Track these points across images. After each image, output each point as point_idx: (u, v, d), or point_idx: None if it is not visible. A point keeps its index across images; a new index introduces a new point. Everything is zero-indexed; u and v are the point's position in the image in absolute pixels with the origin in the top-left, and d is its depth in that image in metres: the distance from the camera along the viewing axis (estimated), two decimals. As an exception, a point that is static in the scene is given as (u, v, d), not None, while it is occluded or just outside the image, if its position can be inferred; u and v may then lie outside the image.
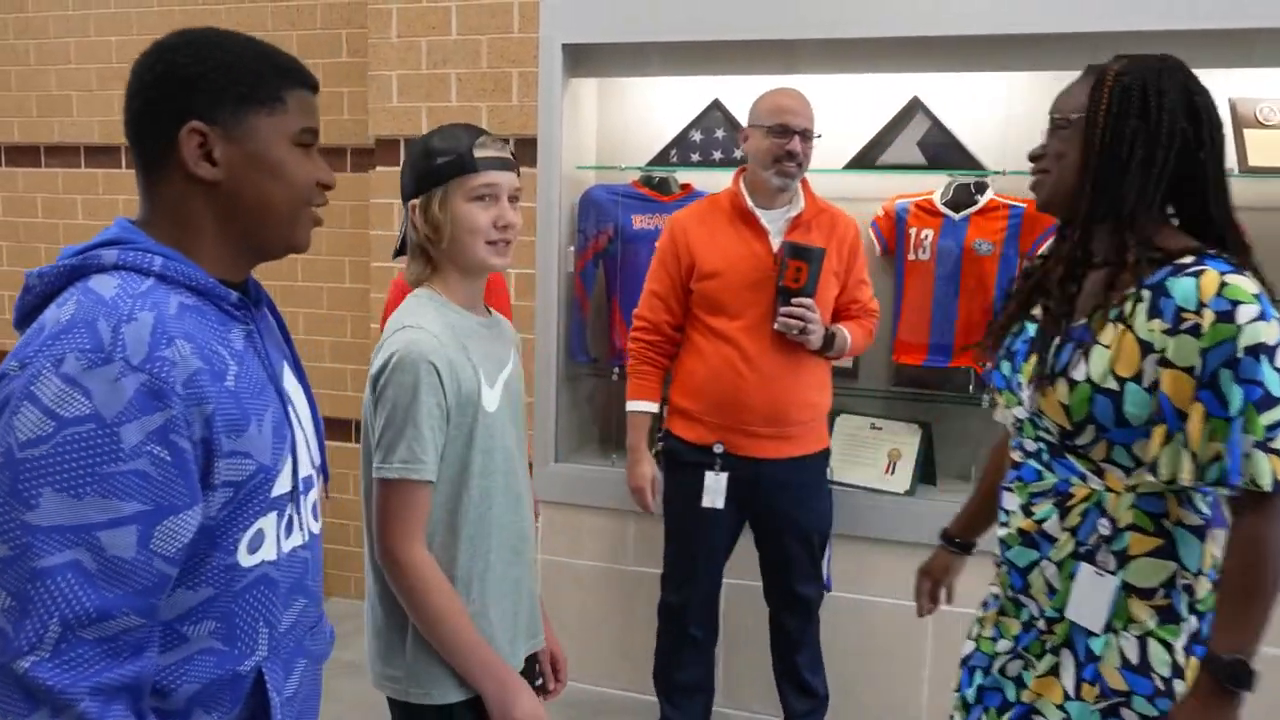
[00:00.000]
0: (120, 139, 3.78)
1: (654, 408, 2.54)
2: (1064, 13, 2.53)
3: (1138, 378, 1.31)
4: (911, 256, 2.91)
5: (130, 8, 3.75)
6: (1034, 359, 1.42)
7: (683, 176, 3.10)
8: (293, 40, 3.56)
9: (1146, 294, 1.31)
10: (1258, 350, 1.22)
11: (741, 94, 3.00)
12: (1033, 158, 1.46)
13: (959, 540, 1.81)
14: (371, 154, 3.22)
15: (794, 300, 2.31)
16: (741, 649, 2.89)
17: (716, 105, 3.03)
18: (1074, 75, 2.80)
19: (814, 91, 2.94)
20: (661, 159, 3.08)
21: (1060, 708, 1.40)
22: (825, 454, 2.56)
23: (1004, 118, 2.84)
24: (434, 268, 1.53)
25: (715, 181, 3.01)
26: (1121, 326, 1.32)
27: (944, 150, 2.86)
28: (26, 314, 0.98)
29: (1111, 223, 1.35)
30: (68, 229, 3.96)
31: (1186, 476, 1.27)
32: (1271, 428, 1.22)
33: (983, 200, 2.84)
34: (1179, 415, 1.27)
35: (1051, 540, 1.41)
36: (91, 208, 3.93)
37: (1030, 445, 1.46)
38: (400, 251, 1.57)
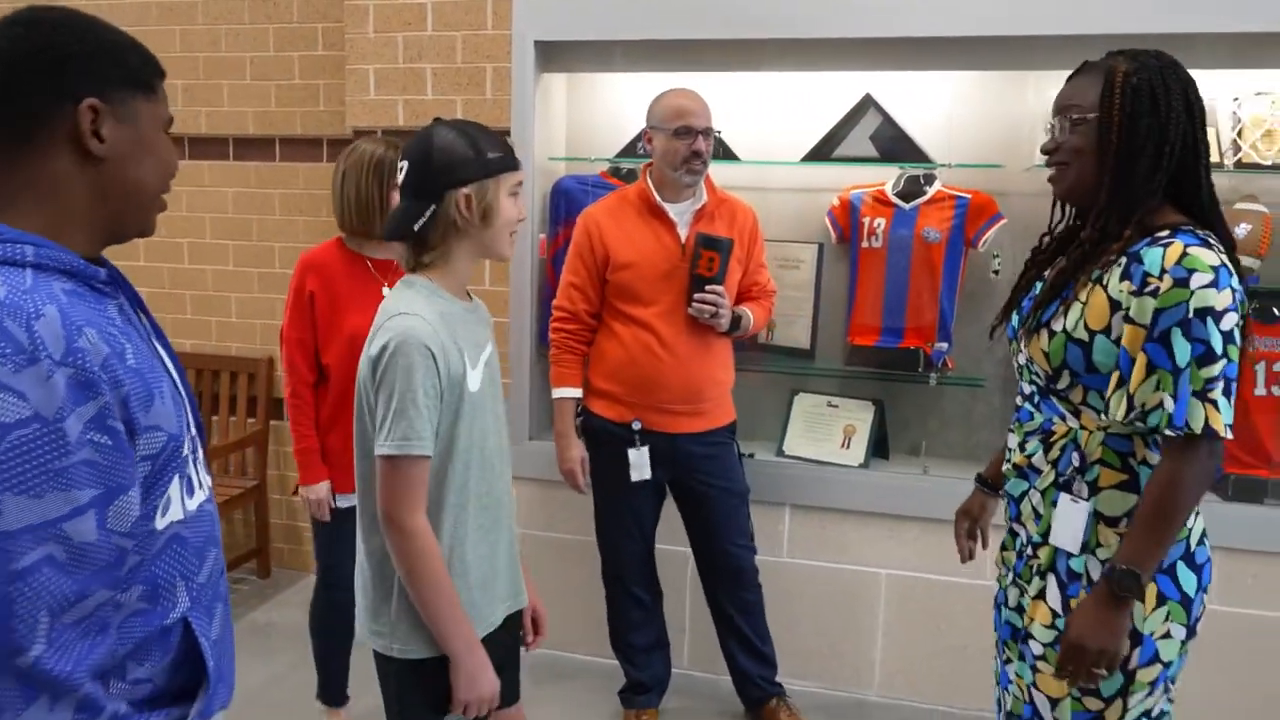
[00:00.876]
0: (179, 129, 3.86)
1: (578, 393, 2.68)
2: (1007, 18, 2.70)
3: (1106, 331, 1.49)
4: (865, 244, 3.09)
5: (98, 1, 3.81)
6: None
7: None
8: (269, 33, 3.66)
9: (1123, 260, 1.49)
10: (1205, 313, 1.39)
11: (705, 89, 3.15)
12: (1047, 151, 1.60)
13: (990, 482, 1.95)
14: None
15: (707, 288, 2.48)
16: (703, 613, 3.06)
17: (681, 100, 3.18)
18: (1015, 75, 2.99)
19: (773, 88, 3.13)
20: (629, 151, 3.23)
21: (1049, 627, 1.58)
22: (733, 426, 2.74)
23: (948, 114, 3.03)
24: (446, 255, 1.63)
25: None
26: (1098, 286, 1.51)
27: (894, 144, 3.04)
28: None
29: (1123, 208, 1.50)
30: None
31: (1121, 414, 1.46)
32: (1209, 380, 1.41)
33: (931, 191, 3.02)
34: (1131, 364, 1.46)
35: (1038, 472, 1.62)
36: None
37: (1026, 389, 1.67)
38: (397, 237, 1.64)
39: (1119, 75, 1.49)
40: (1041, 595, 1.62)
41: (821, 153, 3.09)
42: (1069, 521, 1.57)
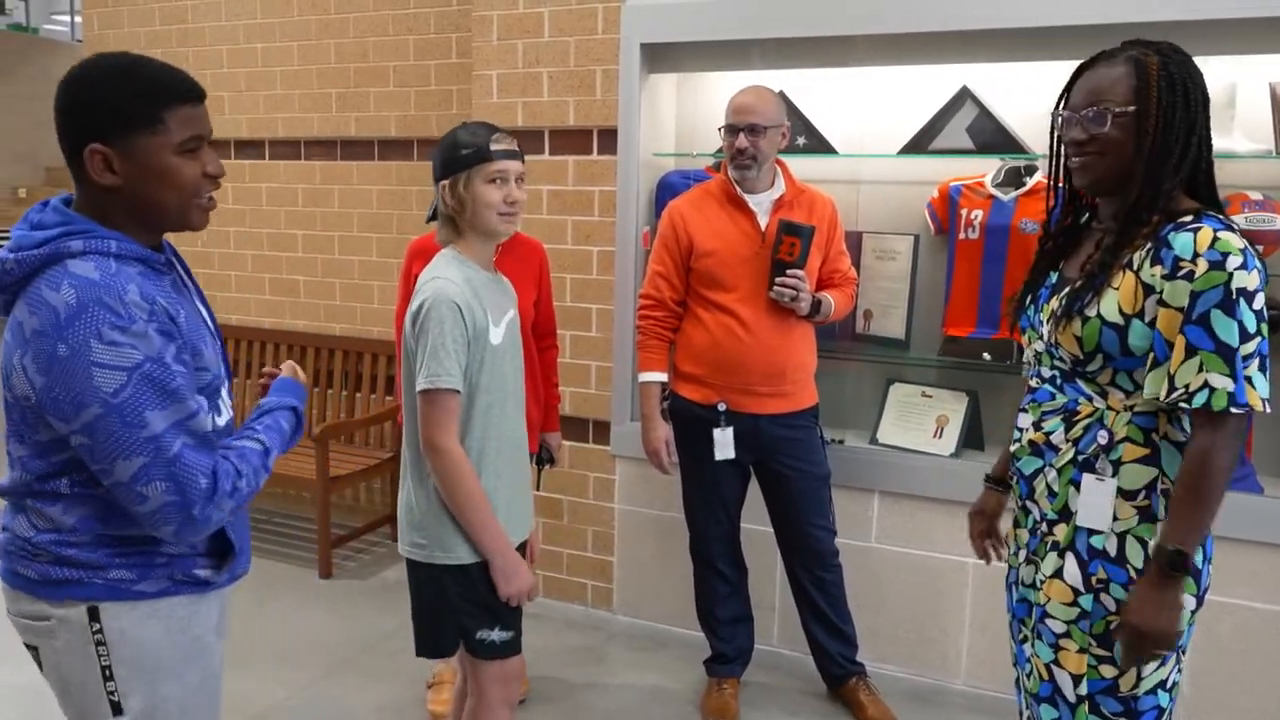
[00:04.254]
0: (264, 133, 4.32)
1: (663, 377, 2.83)
2: (1102, 5, 2.69)
3: (1140, 314, 1.54)
4: (962, 235, 3.11)
5: (274, 18, 4.25)
6: (1055, 300, 1.67)
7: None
8: (410, 44, 4.00)
9: (1150, 245, 1.54)
10: (1241, 293, 1.46)
11: (804, 85, 3.26)
12: (1079, 142, 1.62)
13: (1000, 480, 1.99)
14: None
15: (788, 272, 2.59)
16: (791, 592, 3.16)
17: (781, 96, 3.28)
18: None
19: (870, 82, 3.19)
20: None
21: (1071, 604, 1.62)
22: (815, 409, 2.82)
23: (1045, 104, 3.00)
24: (459, 233, 2.00)
25: (779, 167, 3.28)
26: (1129, 272, 1.56)
27: (991, 136, 3.05)
28: (4, 289, 1.33)
29: (1153, 196, 1.55)
30: (219, 213, 4.48)
31: (1163, 395, 1.51)
32: (1247, 357, 1.47)
33: (1030, 182, 3.02)
34: (1167, 345, 1.51)
35: (1055, 449, 1.65)
36: (239, 194, 4.48)
37: (1046, 373, 1.71)
38: (432, 218, 2.05)
39: (1153, 68, 1.54)
40: (1059, 574, 1.65)
41: (918, 146, 3.13)
42: (1096, 500, 1.60)
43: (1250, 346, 1.47)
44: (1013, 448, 1.76)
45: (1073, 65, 2.97)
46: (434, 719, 2.83)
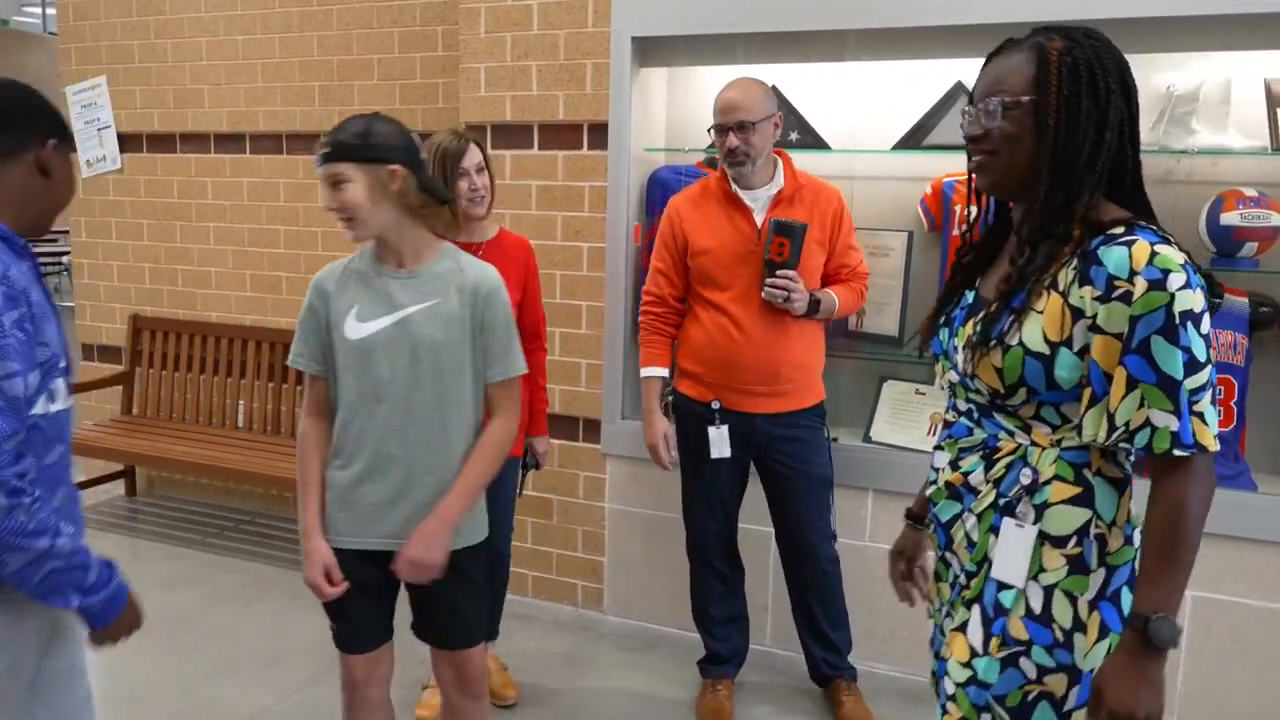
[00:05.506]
0: (244, 126, 4.24)
1: (664, 372, 2.81)
2: (1099, 1, 2.67)
3: (1068, 342, 1.33)
4: (956, 231, 3.09)
5: (254, 9, 4.17)
6: (970, 325, 1.45)
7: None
8: (395, 37, 3.94)
9: (1076, 262, 1.33)
10: (1185, 317, 1.25)
11: (796, 80, 3.23)
12: (974, 139, 1.43)
13: (920, 516, 1.74)
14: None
15: (778, 273, 2.54)
16: (785, 592, 3.13)
17: (774, 91, 3.25)
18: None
19: (864, 77, 3.17)
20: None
21: (966, 665, 1.41)
22: (818, 408, 2.76)
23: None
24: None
25: (772, 162, 3.25)
26: (1054, 293, 1.35)
27: (986, 131, 3.02)
28: None
29: (1064, 201, 1.36)
30: (199, 207, 4.44)
31: (1103, 437, 1.30)
32: (1195, 391, 1.25)
33: (1025, 178, 3.00)
34: (1106, 379, 1.30)
35: (975, 492, 1.44)
36: (219, 189, 4.40)
37: (962, 405, 1.50)
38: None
39: (1054, 54, 1.34)
40: (962, 628, 1.44)
41: (912, 141, 3.11)
42: (1013, 549, 1.39)
43: (1199, 378, 1.26)
44: (929, 490, 1.54)
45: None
46: None
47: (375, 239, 1.96)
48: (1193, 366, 1.26)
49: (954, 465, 1.48)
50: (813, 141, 3.20)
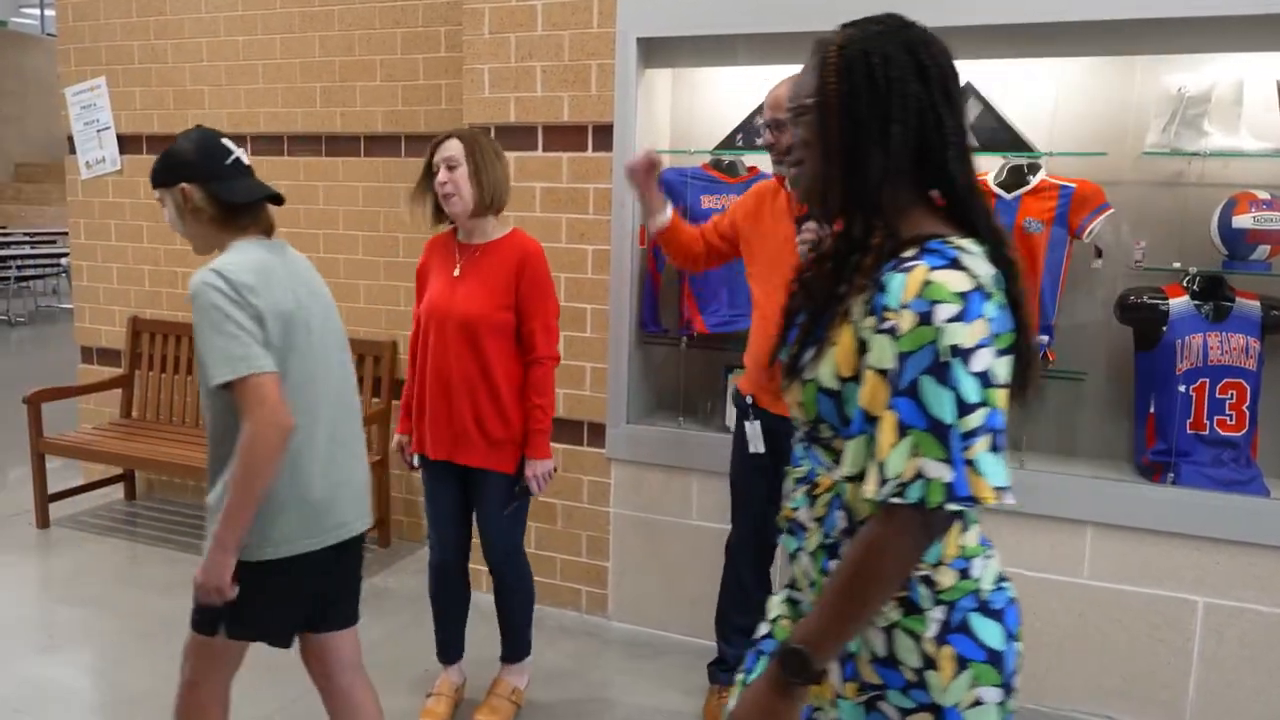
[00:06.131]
0: (245, 128, 4.21)
1: (667, 220, 2.70)
2: (1108, 1, 2.65)
3: (857, 378, 1.22)
4: (964, 234, 3.06)
5: (255, 9, 4.14)
6: (784, 352, 1.38)
7: (749, 160, 3.32)
8: (397, 38, 3.91)
9: (869, 289, 1.22)
10: (955, 353, 1.12)
11: (804, 82, 3.20)
12: (787, 150, 1.34)
13: None
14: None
15: (804, 226, 2.40)
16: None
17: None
18: (1122, 60, 2.93)
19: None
20: (728, 143, 3.30)
21: (833, 704, 1.34)
22: None
23: (1053, 102, 2.97)
24: None
25: (778, 164, 3.23)
26: (848, 324, 1.24)
27: (995, 134, 3.00)
28: None
29: (862, 209, 1.26)
30: (199, 210, 4.41)
31: (872, 490, 1.15)
32: (968, 435, 1.12)
33: (1034, 181, 2.97)
34: (868, 421, 1.18)
35: (804, 529, 1.36)
36: (220, 191, 4.37)
37: (797, 433, 1.41)
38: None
39: (832, 51, 1.24)
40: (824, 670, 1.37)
41: (920, 143, 3.08)
42: None
43: (973, 420, 1.11)
44: (779, 518, 1.45)
45: (1079, 61, 2.98)
46: None
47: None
48: (964, 408, 1.11)
49: (789, 497, 1.41)
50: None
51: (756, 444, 2.67)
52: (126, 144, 4.53)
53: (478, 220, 2.60)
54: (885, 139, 1.21)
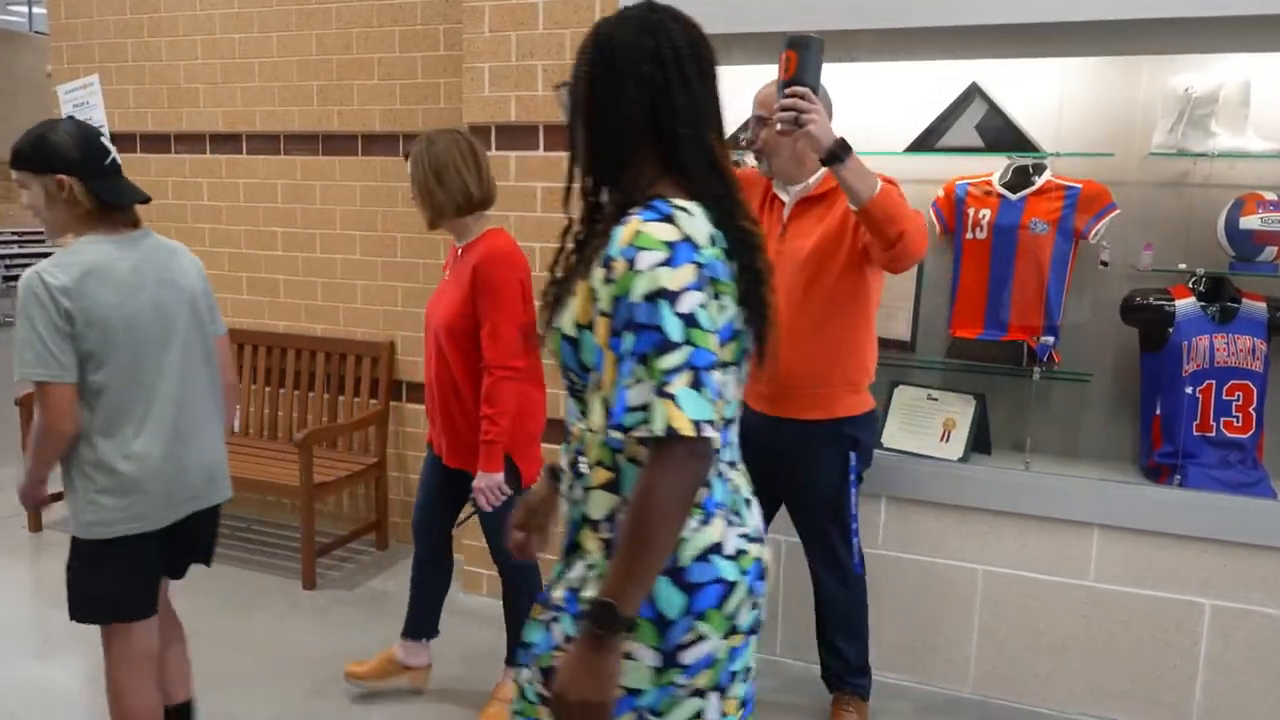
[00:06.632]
0: (241, 126, 4.17)
1: None
2: (1115, 1, 2.63)
3: (591, 326, 1.33)
4: (969, 235, 3.05)
5: (251, 7, 4.10)
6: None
7: (750, 159, 3.29)
8: (395, 36, 3.87)
9: (603, 245, 1.33)
10: (657, 295, 1.21)
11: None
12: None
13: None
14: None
15: (787, 90, 2.16)
16: (796, 600, 3.08)
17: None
18: (1129, 60, 2.91)
19: (876, 78, 3.12)
20: (733, 142, 3.27)
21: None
22: (829, 425, 2.52)
23: (1059, 102, 2.95)
24: None
25: (782, 164, 3.20)
26: (585, 279, 1.36)
27: (1000, 134, 2.99)
28: None
29: (608, 176, 1.38)
30: (194, 209, 4.36)
31: (599, 423, 1.29)
32: (668, 372, 1.20)
33: (1040, 181, 2.96)
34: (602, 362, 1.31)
35: (563, 475, 1.46)
36: (215, 190, 4.33)
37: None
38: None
39: (588, 36, 1.38)
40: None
41: (925, 143, 3.07)
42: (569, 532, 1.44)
43: (673, 358, 1.20)
44: None
45: (1085, 61, 2.96)
46: None
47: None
48: (665, 346, 1.21)
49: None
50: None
51: None
52: (119, 142, 4.45)
53: (452, 223, 2.59)
54: (621, 115, 1.33)
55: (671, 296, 1.21)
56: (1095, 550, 2.82)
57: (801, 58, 2.15)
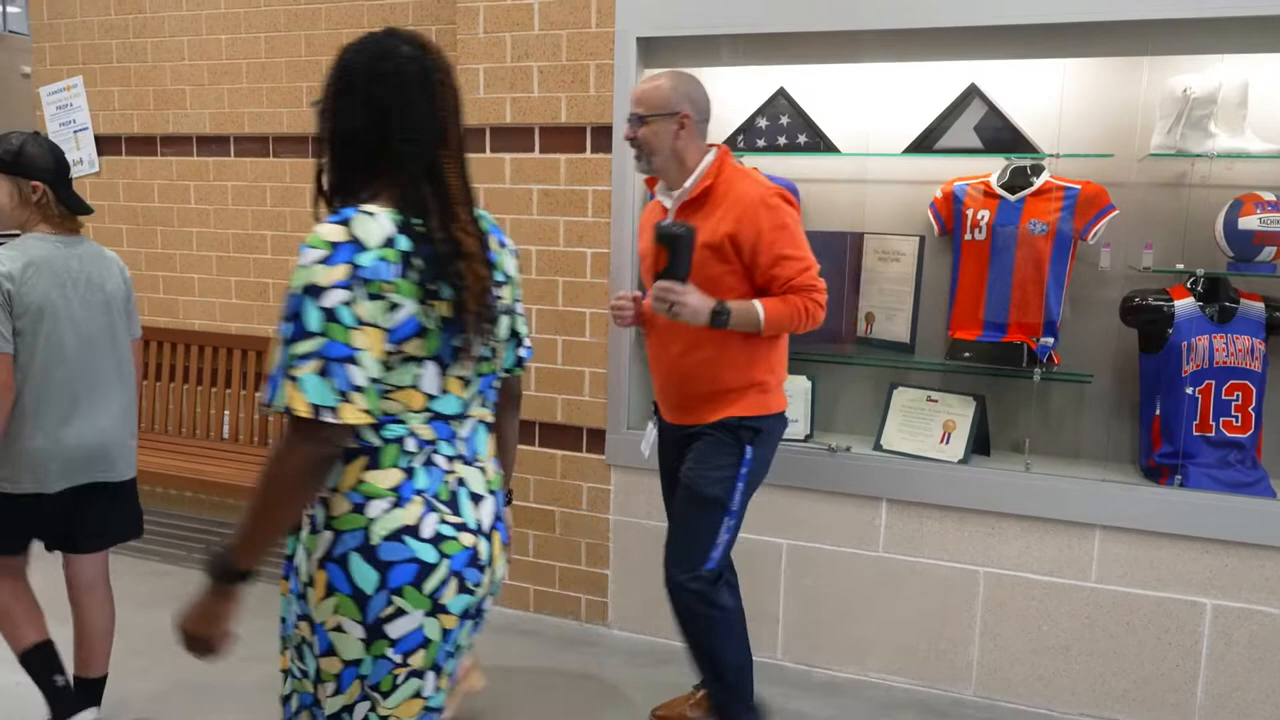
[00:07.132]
0: (229, 128, 4.11)
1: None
2: (1113, 2, 2.63)
3: None
4: (968, 237, 3.04)
5: (239, 7, 4.05)
6: None
7: (749, 161, 3.27)
8: (386, 36, 3.82)
9: None
10: (306, 290, 1.34)
11: (806, 82, 3.17)
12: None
13: None
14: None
15: (657, 282, 2.30)
16: (795, 603, 3.07)
17: (781, 93, 3.20)
18: (1128, 61, 2.92)
19: (874, 79, 3.11)
20: (729, 145, 3.24)
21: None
22: (729, 419, 2.46)
23: (1058, 103, 2.95)
24: None
25: (781, 166, 3.19)
26: None
27: (999, 135, 2.98)
28: None
29: (343, 186, 1.48)
30: (181, 213, 4.30)
31: (262, 396, 1.44)
32: (299, 358, 1.33)
33: (1038, 182, 2.96)
34: None
35: None
36: (202, 193, 4.27)
37: None
38: None
39: (335, 58, 1.49)
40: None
41: (924, 144, 3.06)
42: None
43: (307, 345, 1.33)
44: None
45: (1084, 62, 2.96)
46: None
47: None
48: (300, 335, 1.34)
49: None
50: (822, 145, 3.15)
51: (645, 446, 2.73)
52: (104, 145, 4.41)
53: None
54: (354, 132, 1.46)
55: (318, 291, 1.34)
56: (1096, 551, 2.82)
57: (672, 250, 2.28)
